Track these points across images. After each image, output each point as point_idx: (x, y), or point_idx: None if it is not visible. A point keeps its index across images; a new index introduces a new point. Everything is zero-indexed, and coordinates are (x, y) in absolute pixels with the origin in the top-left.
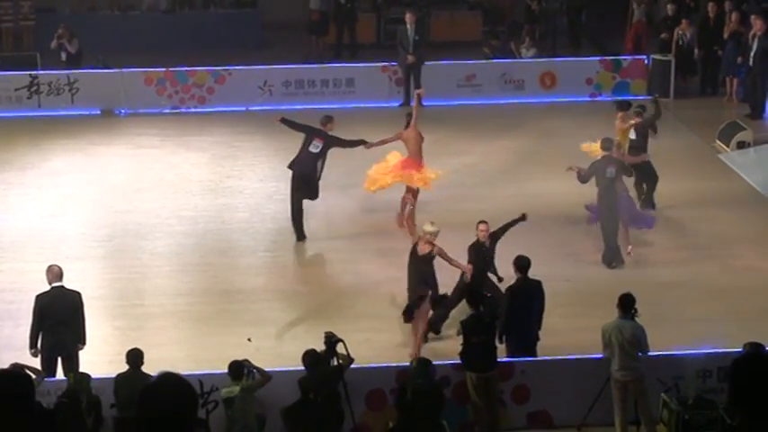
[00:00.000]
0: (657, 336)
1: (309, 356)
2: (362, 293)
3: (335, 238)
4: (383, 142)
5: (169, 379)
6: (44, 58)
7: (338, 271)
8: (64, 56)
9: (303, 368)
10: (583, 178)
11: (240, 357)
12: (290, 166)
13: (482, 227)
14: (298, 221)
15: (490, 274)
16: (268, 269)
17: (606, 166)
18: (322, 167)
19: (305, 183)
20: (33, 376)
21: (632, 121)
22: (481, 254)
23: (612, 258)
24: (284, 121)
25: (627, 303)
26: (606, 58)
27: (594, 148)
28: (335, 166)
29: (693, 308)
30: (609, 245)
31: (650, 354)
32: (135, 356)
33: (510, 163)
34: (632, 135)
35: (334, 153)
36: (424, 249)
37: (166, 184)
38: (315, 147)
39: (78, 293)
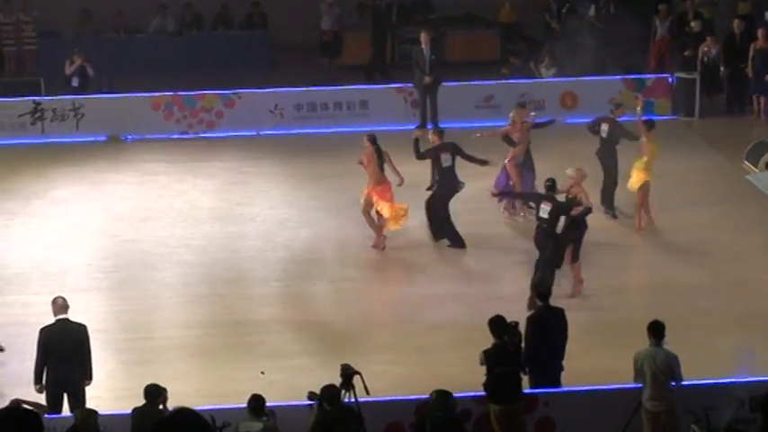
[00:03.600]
0: (686, 364)
1: (328, 392)
2: (378, 323)
3: (349, 266)
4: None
5: (183, 414)
6: (48, 84)
7: (352, 300)
8: (76, 81)
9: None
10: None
11: (252, 391)
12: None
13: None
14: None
15: None
16: (281, 299)
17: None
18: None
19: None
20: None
21: None
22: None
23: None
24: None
25: (658, 330)
26: (629, 77)
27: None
28: (347, 191)
29: (724, 335)
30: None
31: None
32: (151, 393)
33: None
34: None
35: (346, 180)
36: (572, 192)
37: (174, 211)
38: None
39: (84, 326)
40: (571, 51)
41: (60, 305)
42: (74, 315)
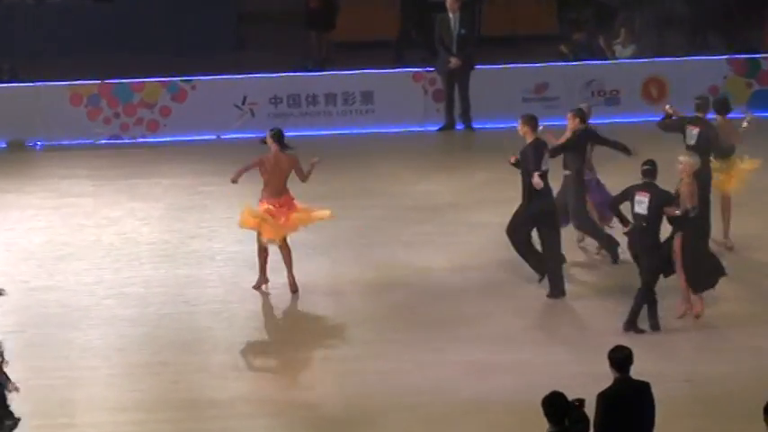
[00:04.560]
0: None
1: None
2: (390, 404)
3: (348, 324)
4: None
5: None
6: None
7: (352, 371)
8: None
9: None
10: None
11: None
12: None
13: None
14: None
15: None
16: (252, 371)
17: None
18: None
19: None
20: None
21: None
22: None
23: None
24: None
25: None
26: (737, 56)
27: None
28: (347, 219)
29: None
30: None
31: None
32: None
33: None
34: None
35: (345, 203)
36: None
37: (103, 248)
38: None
39: None
40: (657, 22)
41: None
42: None
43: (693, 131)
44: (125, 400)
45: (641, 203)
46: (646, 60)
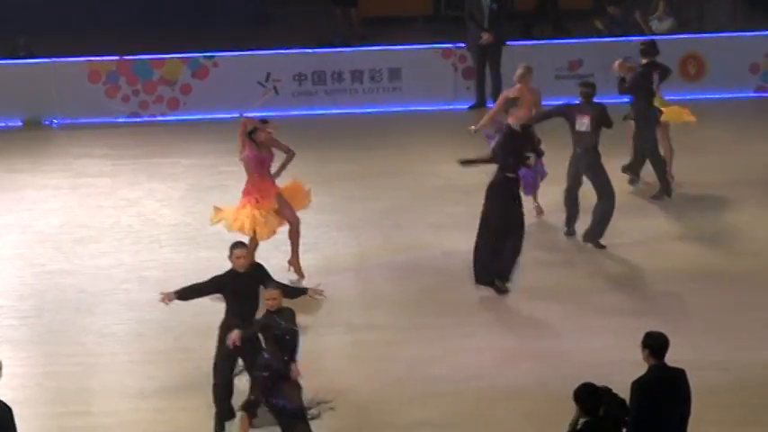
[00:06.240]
0: None
1: None
2: (420, 391)
3: (376, 309)
4: None
5: None
6: None
7: (380, 357)
8: None
9: None
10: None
11: None
12: None
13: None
14: None
15: None
16: None
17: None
18: None
19: None
20: None
21: None
22: None
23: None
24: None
25: None
26: None
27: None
28: (373, 199)
29: None
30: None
31: None
32: None
33: (632, 197)
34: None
35: (372, 183)
36: None
37: (121, 230)
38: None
39: (8, 409)
40: None
41: None
42: None
43: (656, 76)
44: (144, 387)
45: None
46: (684, 36)
